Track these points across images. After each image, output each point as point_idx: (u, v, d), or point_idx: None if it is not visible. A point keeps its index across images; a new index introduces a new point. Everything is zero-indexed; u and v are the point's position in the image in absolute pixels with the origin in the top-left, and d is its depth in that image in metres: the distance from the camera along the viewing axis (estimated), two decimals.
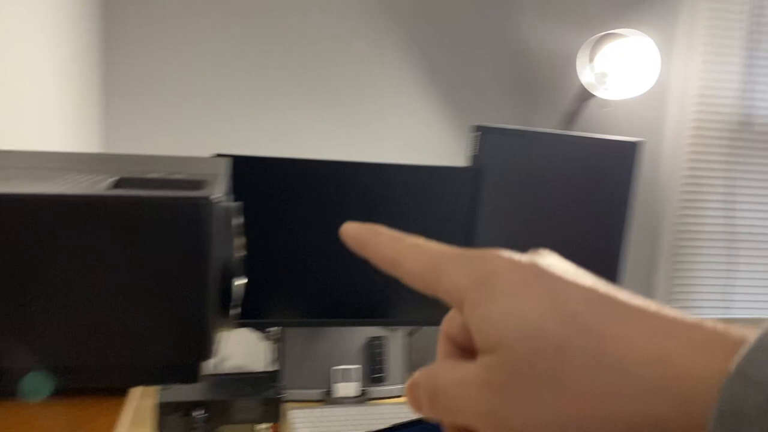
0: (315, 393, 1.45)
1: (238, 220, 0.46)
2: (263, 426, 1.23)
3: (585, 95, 1.56)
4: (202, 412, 1.18)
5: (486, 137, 1.47)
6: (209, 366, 0.43)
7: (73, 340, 0.39)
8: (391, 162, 1.35)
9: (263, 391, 1.25)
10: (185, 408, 1.19)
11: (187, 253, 0.39)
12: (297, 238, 1.33)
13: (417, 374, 0.26)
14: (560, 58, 1.77)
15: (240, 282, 0.47)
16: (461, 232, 1.36)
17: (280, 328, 1.47)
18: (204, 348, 0.41)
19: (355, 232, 0.29)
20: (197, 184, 0.45)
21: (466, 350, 0.26)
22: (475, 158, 1.47)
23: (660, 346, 0.21)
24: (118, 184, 0.46)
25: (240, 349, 1.76)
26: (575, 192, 1.35)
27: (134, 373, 0.41)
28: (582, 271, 0.24)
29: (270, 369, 1.58)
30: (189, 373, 0.42)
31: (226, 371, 1.71)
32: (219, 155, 1.20)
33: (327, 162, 1.33)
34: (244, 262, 0.47)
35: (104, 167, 0.53)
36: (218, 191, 0.42)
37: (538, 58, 1.79)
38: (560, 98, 1.77)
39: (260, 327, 1.51)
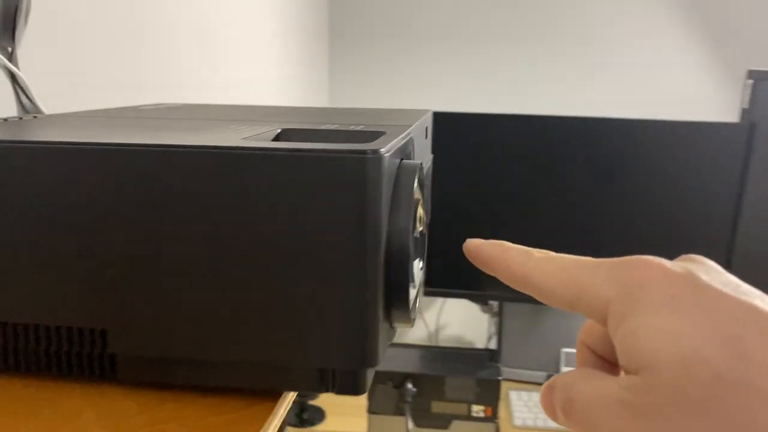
0: (538, 375, 1.35)
1: (420, 184, 0.35)
2: (478, 408, 1.14)
3: None
4: (412, 386, 1.13)
5: (762, 86, 1.20)
6: (371, 375, 0.33)
7: (209, 326, 0.31)
8: (637, 117, 1.16)
9: (480, 370, 1.16)
10: (397, 379, 1.15)
11: (346, 223, 0.29)
12: (520, 203, 1.21)
13: (554, 378, 0.24)
14: None
15: (420, 266, 0.36)
16: (728, 201, 1.14)
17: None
18: (368, 351, 0.31)
19: (479, 249, 0.28)
20: (370, 136, 0.35)
21: (608, 361, 0.25)
22: (748, 112, 1.21)
23: None
24: (278, 137, 0.38)
25: (458, 318, 1.69)
26: None
27: (281, 376, 0.32)
28: (747, 285, 0.21)
29: (489, 345, 1.49)
30: (349, 383, 0.32)
31: (442, 344, 1.66)
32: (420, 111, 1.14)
33: (560, 118, 1.18)
34: (426, 239, 0.35)
35: (284, 119, 0.46)
36: (394, 145, 0.32)
37: None
38: None
39: (478, 299, 1.43)
